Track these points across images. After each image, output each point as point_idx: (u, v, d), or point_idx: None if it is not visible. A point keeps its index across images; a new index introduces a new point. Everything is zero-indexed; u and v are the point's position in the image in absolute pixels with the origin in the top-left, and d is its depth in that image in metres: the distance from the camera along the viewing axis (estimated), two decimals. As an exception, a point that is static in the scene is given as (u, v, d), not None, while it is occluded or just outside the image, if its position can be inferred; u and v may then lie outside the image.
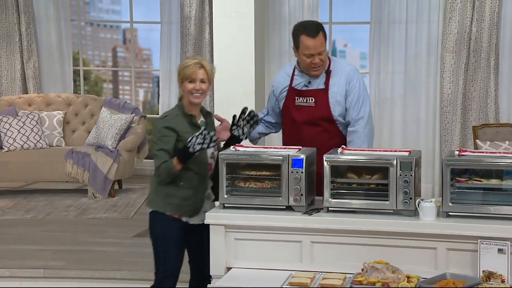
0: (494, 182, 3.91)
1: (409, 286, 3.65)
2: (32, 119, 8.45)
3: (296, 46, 4.57)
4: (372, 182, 4.05)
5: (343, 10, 9.04)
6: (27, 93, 9.13)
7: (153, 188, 4.26)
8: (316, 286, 3.77)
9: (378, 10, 8.27)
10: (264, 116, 4.88)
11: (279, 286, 3.78)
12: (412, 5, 8.19)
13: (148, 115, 8.83)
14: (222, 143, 4.39)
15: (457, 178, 3.92)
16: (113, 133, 8.24)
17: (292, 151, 4.14)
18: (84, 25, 9.96)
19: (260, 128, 4.83)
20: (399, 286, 3.65)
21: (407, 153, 4.04)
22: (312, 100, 4.61)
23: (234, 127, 4.37)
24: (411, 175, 3.92)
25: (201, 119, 4.29)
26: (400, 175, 3.93)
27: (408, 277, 3.72)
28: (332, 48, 8.90)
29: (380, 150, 4.14)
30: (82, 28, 9.83)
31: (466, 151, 4.04)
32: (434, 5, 8.12)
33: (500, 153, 4.05)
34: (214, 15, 5.73)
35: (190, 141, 4.02)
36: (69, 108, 8.81)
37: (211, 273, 4.13)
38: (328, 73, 4.62)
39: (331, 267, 3.96)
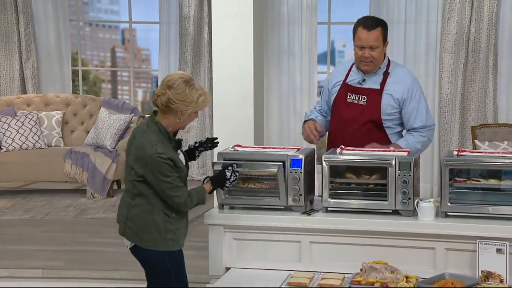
0: (492, 182, 3.91)
1: (408, 286, 3.65)
2: (31, 119, 8.45)
3: (353, 37, 4.51)
4: (371, 182, 4.05)
5: (342, 10, 9.04)
6: (25, 93, 9.12)
7: (145, 225, 3.88)
8: (315, 286, 3.77)
9: (377, 10, 8.25)
10: (321, 110, 4.81)
11: (278, 286, 3.78)
12: (411, 5, 8.19)
13: (147, 115, 8.82)
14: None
15: (456, 178, 3.93)
16: (111, 133, 8.23)
17: (291, 151, 4.13)
18: (83, 25, 9.96)
19: (324, 123, 4.76)
20: (398, 286, 3.65)
21: (405, 153, 4.04)
22: (364, 98, 4.55)
23: (201, 149, 4.15)
24: (409, 175, 3.91)
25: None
26: (399, 175, 3.93)
27: (407, 277, 3.72)
28: (331, 48, 8.91)
29: (379, 150, 4.14)
30: (81, 28, 9.82)
31: (464, 151, 4.04)
32: (432, 5, 8.12)
33: (498, 153, 4.06)
34: (213, 15, 5.72)
35: (229, 178, 3.90)
36: (68, 108, 8.80)
37: (209, 273, 4.12)
38: (386, 74, 4.56)
39: (330, 267, 3.96)
